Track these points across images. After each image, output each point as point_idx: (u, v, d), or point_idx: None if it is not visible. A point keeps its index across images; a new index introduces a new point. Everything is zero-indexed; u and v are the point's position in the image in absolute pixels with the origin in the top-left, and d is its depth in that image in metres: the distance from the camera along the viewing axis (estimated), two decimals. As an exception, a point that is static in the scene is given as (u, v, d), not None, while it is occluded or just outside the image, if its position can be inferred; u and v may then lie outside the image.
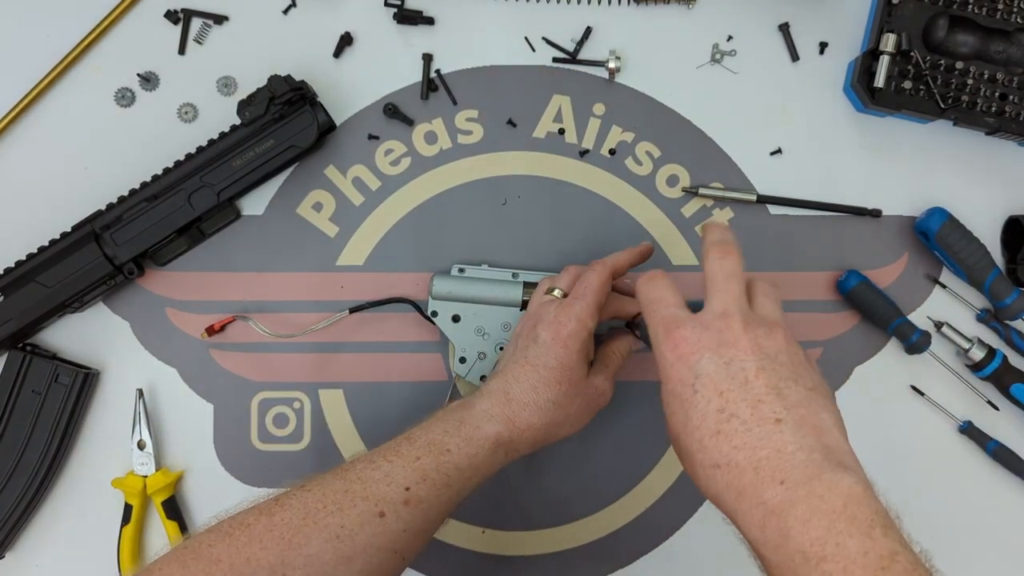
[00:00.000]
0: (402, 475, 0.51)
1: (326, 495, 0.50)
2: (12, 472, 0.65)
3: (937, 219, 0.68)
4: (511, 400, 0.56)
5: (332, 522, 0.48)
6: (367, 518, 0.49)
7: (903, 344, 0.70)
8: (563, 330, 0.57)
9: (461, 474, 0.53)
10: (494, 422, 0.55)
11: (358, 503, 0.50)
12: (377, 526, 0.49)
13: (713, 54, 0.71)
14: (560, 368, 0.56)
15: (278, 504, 0.50)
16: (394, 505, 0.50)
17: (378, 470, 0.52)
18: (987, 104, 0.68)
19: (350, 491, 0.50)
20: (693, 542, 0.71)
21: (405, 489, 0.51)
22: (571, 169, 0.71)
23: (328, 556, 0.47)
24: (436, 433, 0.54)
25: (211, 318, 0.69)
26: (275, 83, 0.65)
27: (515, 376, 0.57)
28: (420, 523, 0.52)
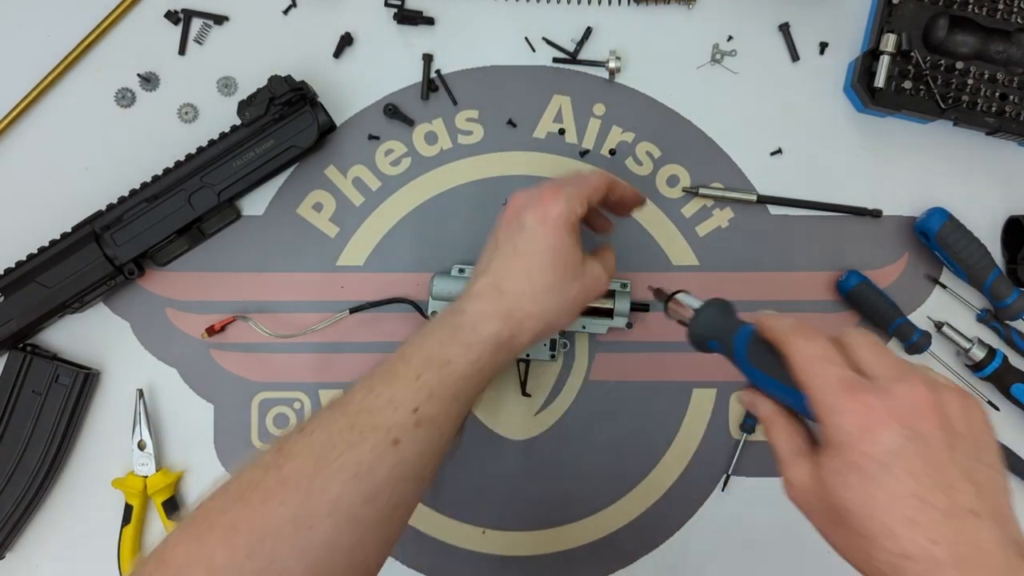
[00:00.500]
0: (407, 397, 0.48)
1: (332, 435, 0.46)
2: (12, 472, 0.65)
3: (937, 219, 0.68)
4: (504, 293, 0.52)
5: (347, 461, 0.45)
6: (382, 449, 0.46)
7: (903, 344, 0.70)
8: (552, 211, 0.52)
9: (467, 383, 0.50)
10: (491, 321, 0.51)
11: (368, 435, 0.46)
12: (394, 456, 0.46)
13: (713, 54, 0.71)
14: (553, 251, 0.52)
15: (283, 454, 0.46)
16: (406, 429, 0.47)
17: (379, 397, 0.48)
18: (987, 104, 0.68)
19: (356, 425, 0.47)
20: (693, 542, 0.71)
21: (413, 411, 0.48)
22: (571, 169, 0.71)
23: (352, 497, 0.45)
24: (432, 346, 0.50)
25: (211, 318, 0.69)
26: (275, 83, 0.65)
27: (504, 268, 0.53)
28: (435, 442, 0.49)
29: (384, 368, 0.50)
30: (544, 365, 0.70)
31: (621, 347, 0.71)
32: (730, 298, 0.70)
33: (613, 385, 0.71)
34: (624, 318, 0.67)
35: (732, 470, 0.70)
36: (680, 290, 0.54)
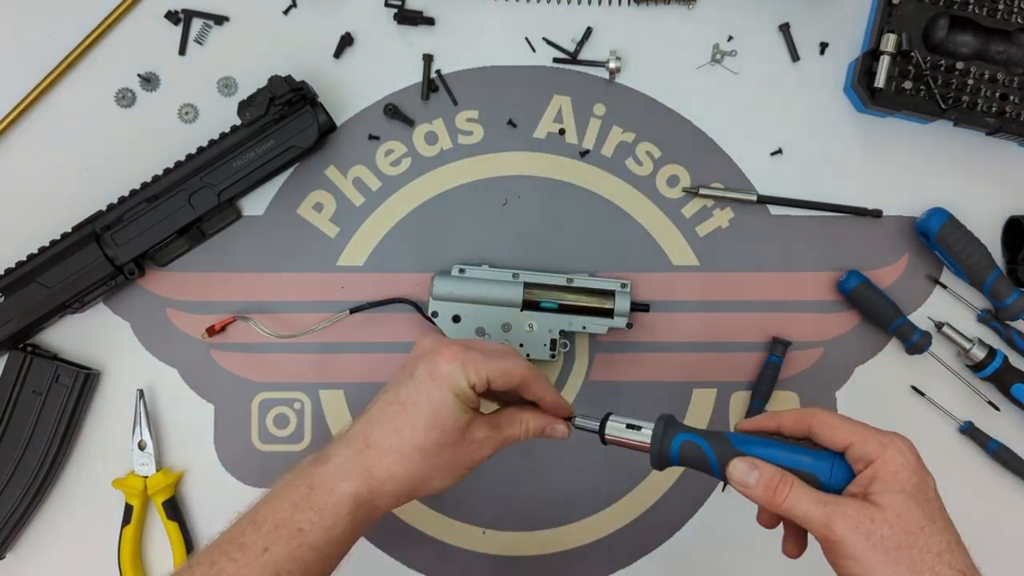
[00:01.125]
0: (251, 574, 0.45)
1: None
2: (12, 472, 0.65)
3: (937, 219, 0.68)
4: (369, 446, 0.49)
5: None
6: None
7: (904, 344, 0.70)
8: (441, 368, 0.49)
9: (319, 554, 0.46)
10: (350, 478, 0.48)
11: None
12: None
13: (713, 54, 0.71)
14: (431, 410, 0.48)
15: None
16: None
17: (222, 573, 0.44)
18: (987, 104, 0.68)
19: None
20: (693, 542, 0.71)
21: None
22: (571, 169, 0.71)
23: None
24: (285, 509, 0.47)
25: (212, 318, 0.69)
26: (275, 83, 0.65)
27: (378, 416, 0.50)
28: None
29: (233, 534, 0.47)
30: (544, 365, 0.70)
31: (621, 347, 0.71)
32: (730, 298, 0.71)
33: (613, 385, 0.71)
34: (624, 318, 0.67)
35: (732, 470, 0.70)
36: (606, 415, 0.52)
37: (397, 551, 0.70)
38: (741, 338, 0.71)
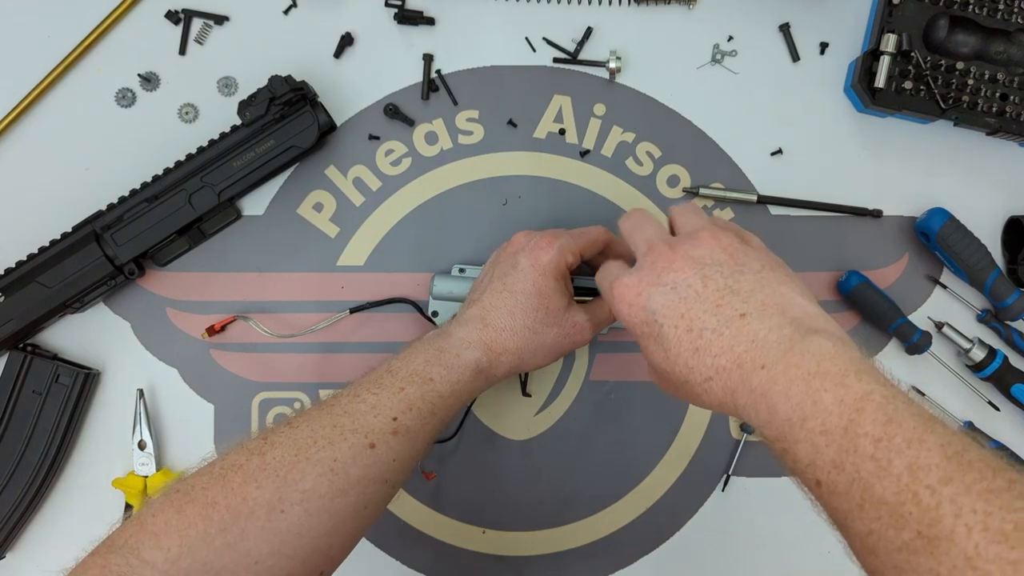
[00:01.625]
0: (388, 406, 0.52)
1: (315, 431, 0.50)
2: (12, 472, 0.65)
3: (938, 219, 0.68)
4: (488, 326, 0.57)
5: (325, 456, 0.49)
6: (359, 450, 0.50)
7: (904, 344, 0.70)
8: (543, 256, 0.58)
9: (444, 401, 0.54)
10: (472, 349, 0.56)
11: (348, 436, 0.50)
12: (369, 457, 0.50)
13: (714, 54, 0.71)
14: (538, 294, 0.57)
15: (268, 443, 0.49)
16: (383, 436, 0.51)
17: (364, 403, 0.52)
18: (988, 104, 0.68)
19: (339, 425, 0.50)
20: (693, 542, 0.71)
21: (393, 419, 0.51)
22: (572, 169, 0.71)
23: (324, 489, 0.48)
24: (418, 363, 0.55)
25: (212, 318, 0.69)
26: (276, 83, 0.65)
27: (492, 302, 0.58)
28: (409, 451, 0.52)
29: (372, 377, 0.54)
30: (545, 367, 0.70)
31: (621, 347, 0.71)
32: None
33: (613, 385, 0.71)
34: None
35: (732, 470, 0.70)
36: None
37: (397, 551, 0.70)
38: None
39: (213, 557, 0.44)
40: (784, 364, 0.40)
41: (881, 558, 0.36)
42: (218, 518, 0.45)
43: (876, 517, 0.36)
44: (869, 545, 0.36)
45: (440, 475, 0.70)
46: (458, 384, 0.55)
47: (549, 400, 0.71)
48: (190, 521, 0.45)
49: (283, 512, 0.46)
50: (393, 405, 0.52)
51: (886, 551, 0.35)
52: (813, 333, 0.41)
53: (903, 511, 0.34)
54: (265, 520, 0.46)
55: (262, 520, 0.46)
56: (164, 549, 0.44)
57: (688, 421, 0.71)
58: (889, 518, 0.35)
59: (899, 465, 0.35)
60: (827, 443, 0.38)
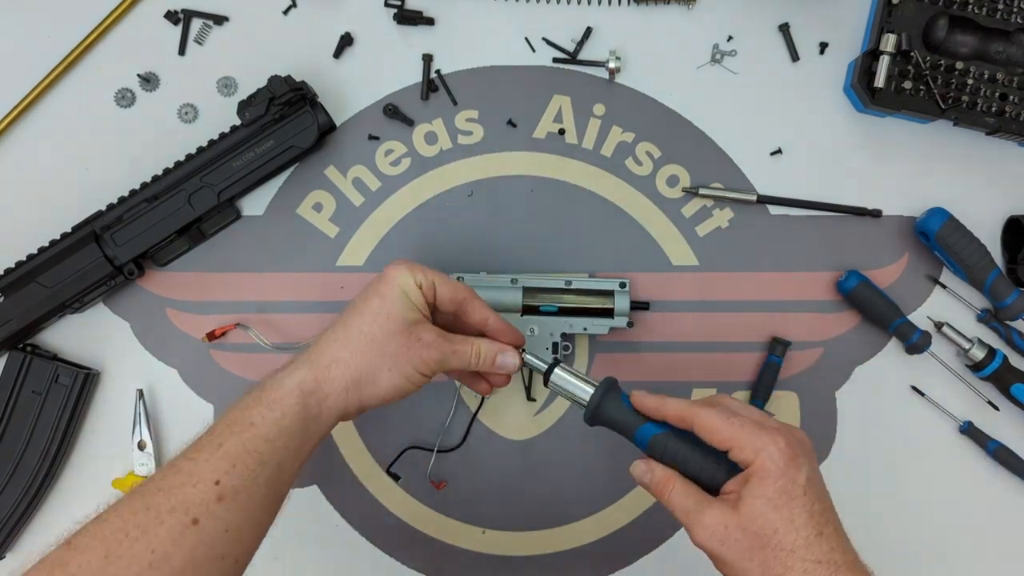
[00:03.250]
0: (207, 470, 0.46)
1: (126, 520, 0.44)
2: (12, 472, 0.65)
3: (937, 219, 0.68)
4: (318, 343, 0.52)
5: (139, 549, 0.43)
6: (179, 531, 0.44)
7: (903, 344, 0.70)
8: (389, 272, 0.54)
9: (272, 445, 0.48)
10: (295, 371, 0.51)
11: (165, 517, 0.44)
12: (193, 537, 0.44)
13: (713, 54, 0.71)
14: (378, 300, 0.52)
15: (71, 548, 0.44)
16: (206, 506, 0.45)
17: (180, 473, 0.46)
18: (987, 104, 0.68)
19: (152, 506, 0.45)
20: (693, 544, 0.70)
21: (215, 483, 0.46)
22: (571, 169, 0.71)
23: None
24: (236, 411, 0.49)
25: (211, 318, 0.69)
26: (275, 84, 0.65)
27: (331, 326, 0.53)
28: (242, 516, 0.47)
29: (192, 445, 0.49)
30: (544, 365, 0.70)
31: (621, 347, 0.71)
32: (730, 298, 0.71)
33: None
34: (624, 317, 0.67)
35: (732, 470, 0.70)
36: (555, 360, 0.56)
37: (397, 551, 0.70)
38: (741, 338, 0.71)
39: None
40: None
41: None
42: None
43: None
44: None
45: (441, 476, 0.70)
46: (283, 419, 0.49)
47: (549, 400, 0.71)
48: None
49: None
50: (213, 467, 0.46)
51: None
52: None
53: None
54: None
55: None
56: None
57: (688, 421, 0.71)
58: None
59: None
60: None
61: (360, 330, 0.52)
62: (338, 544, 0.70)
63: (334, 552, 0.70)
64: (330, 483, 0.70)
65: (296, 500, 0.69)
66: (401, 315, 0.52)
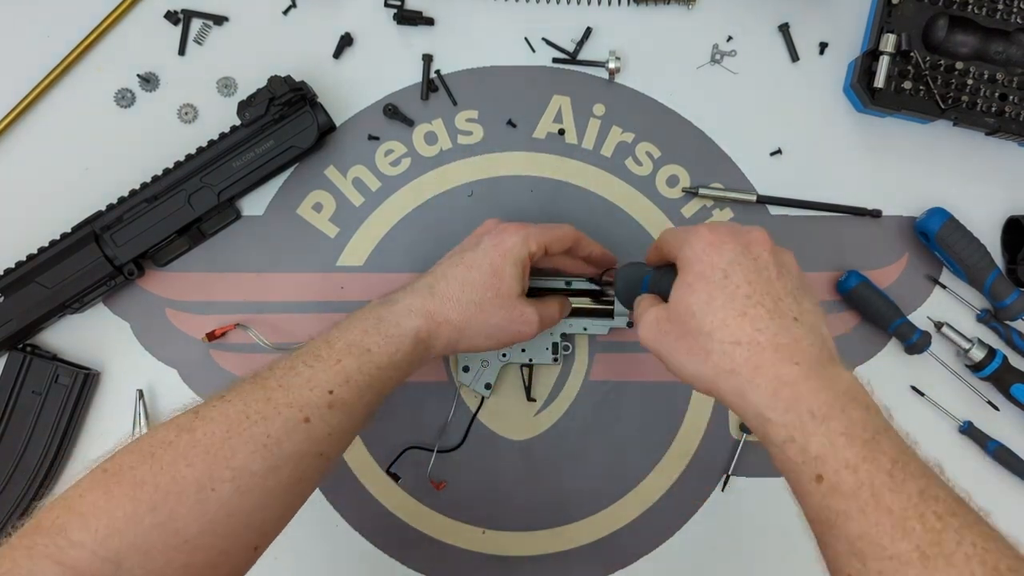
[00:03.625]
0: (324, 378, 0.51)
1: (248, 405, 0.49)
2: (12, 473, 0.65)
3: (937, 219, 0.68)
4: (435, 294, 0.56)
5: (257, 432, 0.48)
6: (292, 425, 0.49)
7: (903, 344, 0.70)
8: (508, 239, 0.58)
9: (383, 373, 0.53)
10: (414, 316, 0.55)
11: (282, 410, 0.49)
12: (303, 432, 0.49)
13: (713, 54, 0.71)
14: (493, 273, 0.57)
15: (199, 418, 0.48)
16: (319, 409, 0.50)
17: (299, 376, 0.51)
18: (987, 104, 0.68)
19: (272, 399, 0.49)
20: (693, 542, 0.71)
21: (328, 392, 0.51)
22: (571, 169, 0.71)
23: (256, 466, 0.47)
24: (355, 333, 0.54)
25: (211, 319, 0.69)
26: (275, 84, 0.65)
27: (444, 272, 0.58)
28: (345, 424, 0.52)
29: (310, 348, 0.54)
30: (546, 369, 0.70)
31: (621, 347, 0.71)
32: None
33: (613, 385, 0.71)
34: (624, 317, 0.67)
35: (732, 470, 0.70)
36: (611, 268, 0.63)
37: (397, 551, 0.70)
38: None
39: (142, 537, 0.44)
40: (818, 372, 0.43)
41: (868, 563, 0.38)
42: (146, 498, 0.45)
43: (876, 523, 0.38)
44: (858, 548, 0.38)
45: (441, 476, 0.70)
46: (397, 354, 0.54)
47: (549, 400, 0.71)
48: (118, 502, 0.44)
49: (213, 490, 0.46)
50: (329, 378, 0.51)
51: (876, 557, 0.38)
52: (844, 368, 0.45)
53: (908, 525, 0.37)
54: (195, 499, 0.45)
55: (192, 499, 0.45)
56: (92, 530, 0.43)
57: (688, 421, 0.71)
58: (890, 527, 0.37)
59: (912, 487, 0.39)
60: (847, 444, 0.40)
61: (471, 299, 0.57)
62: (338, 544, 0.70)
63: (334, 552, 0.70)
64: (330, 483, 0.70)
65: (296, 500, 0.69)
66: (510, 291, 0.57)
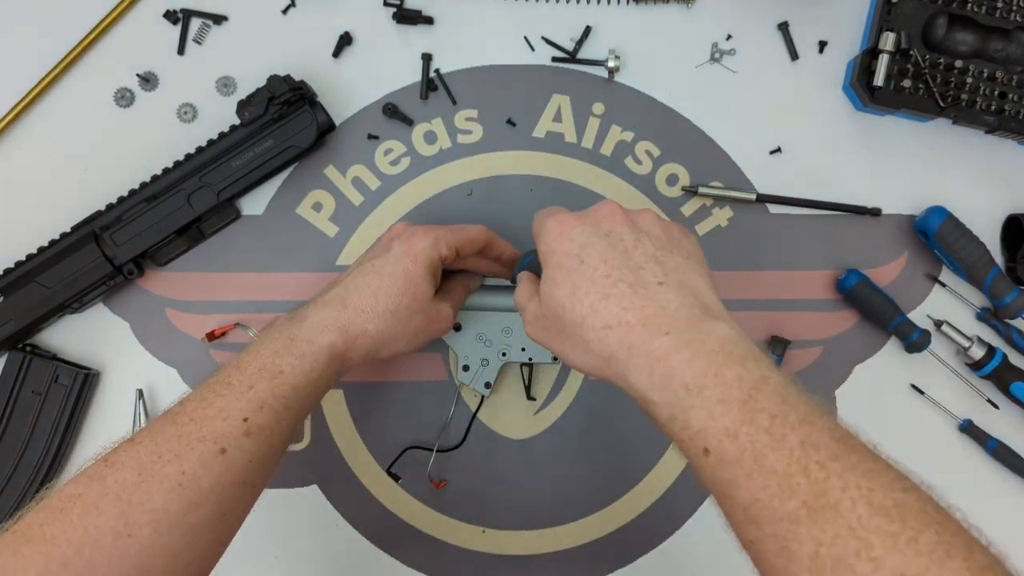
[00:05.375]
0: (237, 407, 0.50)
1: (159, 444, 0.47)
2: (12, 473, 0.65)
3: (937, 218, 0.68)
4: (348, 306, 0.55)
5: (171, 471, 0.46)
6: (208, 458, 0.47)
7: (903, 343, 0.70)
8: (417, 244, 0.57)
9: (298, 393, 0.52)
10: (328, 332, 0.54)
11: (195, 445, 0.48)
12: (220, 464, 0.48)
13: (712, 53, 0.71)
14: (405, 279, 0.56)
15: (108, 465, 0.47)
16: (235, 439, 0.49)
17: (211, 407, 0.50)
18: (986, 103, 0.68)
19: (184, 435, 0.48)
20: (693, 542, 0.71)
21: (243, 420, 0.49)
22: (571, 168, 0.71)
23: (174, 506, 0.46)
24: (266, 356, 0.52)
25: (211, 318, 0.69)
26: (274, 83, 0.65)
27: (355, 283, 0.57)
28: (265, 450, 0.50)
29: (220, 376, 0.52)
30: (547, 368, 0.70)
31: (621, 346, 0.71)
32: (730, 297, 0.71)
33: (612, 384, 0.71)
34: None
35: (732, 469, 0.70)
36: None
37: (397, 551, 0.70)
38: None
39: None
40: (689, 336, 0.42)
41: (763, 527, 0.37)
42: (59, 554, 0.43)
43: (763, 487, 0.37)
44: (752, 515, 0.38)
45: (441, 475, 0.70)
46: (312, 373, 0.53)
47: (549, 399, 0.71)
48: (28, 561, 0.43)
49: (131, 536, 0.44)
50: (243, 406, 0.50)
51: (769, 520, 0.37)
52: (718, 319, 0.43)
53: (792, 482, 0.36)
54: (112, 547, 0.44)
55: (108, 547, 0.44)
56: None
57: (688, 420, 0.71)
58: (777, 488, 0.36)
59: (792, 440, 0.37)
60: (724, 412, 0.39)
61: (387, 308, 0.56)
62: (338, 544, 0.70)
63: (334, 552, 0.70)
64: (330, 483, 0.70)
65: (296, 500, 0.69)
66: (425, 295, 0.57)
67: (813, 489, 0.35)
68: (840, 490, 0.35)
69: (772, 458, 0.37)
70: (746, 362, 0.41)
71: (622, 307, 0.44)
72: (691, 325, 0.43)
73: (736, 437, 0.38)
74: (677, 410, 0.41)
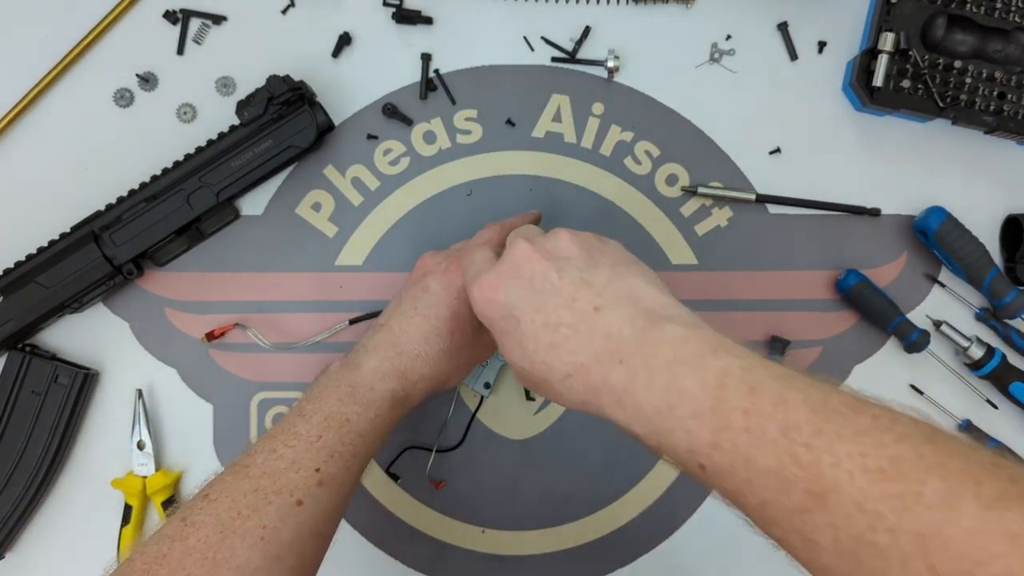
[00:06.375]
0: (308, 458, 0.50)
1: (236, 500, 0.48)
2: (12, 472, 0.65)
3: (936, 218, 0.68)
4: (402, 354, 0.56)
5: (251, 526, 0.47)
6: (286, 511, 0.48)
7: (902, 343, 0.70)
8: (456, 280, 0.57)
9: (364, 439, 0.53)
10: (387, 380, 0.55)
11: (272, 499, 0.48)
12: (298, 516, 0.48)
13: (712, 53, 0.71)
14: (453, 318, 0.56)
15: (188, 524, 0.47)
16: (309, 490, 0.49)
17: (282, 459, 0.50)
18: (985, 103, 0.68)
19: (259, 488, 0.48)
20: (693, 542, 0.71)
21: (315, 471, 0.50)
22: (570, 169, 0.71)
23: (258, 560, 0.46)
24: (331, 404, 0.53)
25: (211, 318, 0.69)
26: (274, 83, 0.65)
27: (403, 328, 0.56)
28: (336, 499, 0.51)
29: (286, 426, 0.52)
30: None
31: (620, 346, 0.71)
32: (729, 297, 0.71)
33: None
34: None
35: (731, 469, 0.70)
36: None
37: (397, 550, 0.70)
38: (740, 337, 0.70)
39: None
40: (642, 356, 0.41)
41: (781, 525, 0.36)
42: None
43: (764, 487, 0.36)
44: (767, 516, 0.37)
45: (440, 475, 0.70)
46: (377, 419, 0.53)
47: (548, 400, 0.71)
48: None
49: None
50: (313, 456, 0.50)
51: (783, 517, 0.36)
52: (665, 321, 0.42)
53: (788, 474, 0.35)
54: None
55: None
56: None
57: (687, 420, 0.71)
58: (777, 485, 0.35)
59: (772, 431, 0.36)
60: (699, 426, 0.38)
61: (441, 349, 0.56)
62: (338, 544, 0.69)
63: (334, 552, 0.70)
64: (330, 483, 0.70)
65: (296, 500, 0.69)
66: (474, 328, 0.57)
67: (808, 476, 0.34)
68: (833, 466, 0.34)
69: (761, 457, 0.36)
70: (703, 359, 0.39)
71: (571, 352, 0.43)
72: (639, 342, 0.41)
73: (720, 447, 0.37)
74: (660, 437, 0.40)
